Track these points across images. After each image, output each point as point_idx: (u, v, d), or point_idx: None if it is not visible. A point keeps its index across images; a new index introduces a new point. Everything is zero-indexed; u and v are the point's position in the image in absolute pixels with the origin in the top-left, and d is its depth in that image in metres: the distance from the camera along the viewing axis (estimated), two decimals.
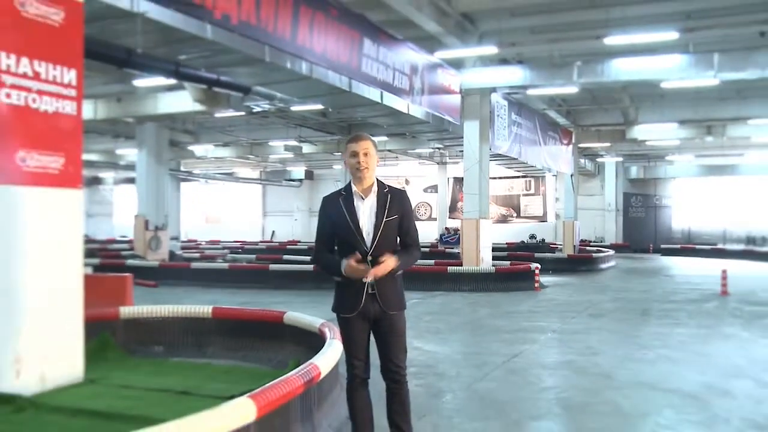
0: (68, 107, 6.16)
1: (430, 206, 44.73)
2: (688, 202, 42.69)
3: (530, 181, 43.18)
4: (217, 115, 25.04)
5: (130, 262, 20.33)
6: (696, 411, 6.37)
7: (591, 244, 35.35)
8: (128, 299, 10.33)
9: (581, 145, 31.28)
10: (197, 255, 28.20)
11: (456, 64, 18.41)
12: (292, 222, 48.14)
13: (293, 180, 46.10)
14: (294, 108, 22.46)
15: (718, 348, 9.77)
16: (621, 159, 39.41)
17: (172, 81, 16.61)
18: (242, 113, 24.14)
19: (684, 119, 26.96)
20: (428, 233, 38.49)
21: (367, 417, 4.69)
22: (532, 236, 38.69)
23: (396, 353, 4.60)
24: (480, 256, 18.91)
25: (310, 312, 8.56)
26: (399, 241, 4.65)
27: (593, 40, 16.97)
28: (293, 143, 32.71)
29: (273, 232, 48.16)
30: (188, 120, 27.31)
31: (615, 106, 26.87)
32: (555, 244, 34.31)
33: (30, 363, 5.87)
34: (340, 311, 4.63)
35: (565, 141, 28.61)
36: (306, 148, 33.94)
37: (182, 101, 19.50)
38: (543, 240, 37.35)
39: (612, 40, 15.98)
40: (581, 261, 26.43)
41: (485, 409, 6.42)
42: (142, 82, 17.95)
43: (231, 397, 4.68)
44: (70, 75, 6.17)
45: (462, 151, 20.61)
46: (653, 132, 28.53)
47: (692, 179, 42.27)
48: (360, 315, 4.52)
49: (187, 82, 16.72)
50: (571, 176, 30.65)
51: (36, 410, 5.40)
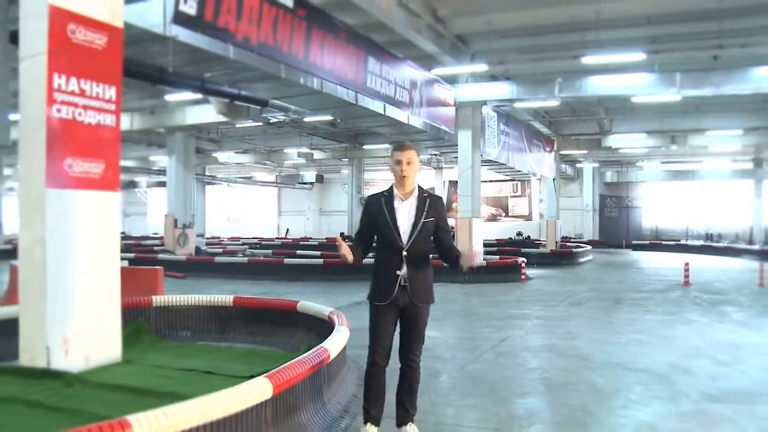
0: (108, 119, 6.19)
1: None
2: (656, 203, 42.74)
3: (517, 184, 43.12)
4: (238, 126, 25.11)
5: (161, 257, 20.33)
6: (661, 387, 6.40)
7: (571, 241, 35.26)
8: (159, 289, 10.37)
9: (562, 152, 31.27)
10: (220, 250, 28.20)
11: (451, 80, 18.41)
12: (305, 221, 48.14)
13: (305, 183, 46.06)
14: (306, 119, 22.48)
15: (681, 332, 9.79)
16: (597, 165, 39.39)
17: (199, 96, 16.67)
18: (260, 123, 24.19)
19: (651, 130, 27.07)
20: None
21: (380, 398, 4.65)
22: (519, 233, 38.65)
23: (416, 344, 4.62)
24: (473, 251, 18.87)
25: (321, 301, 8.59)
26: (438, 240, 4.64)
27: (572, 60, 16.97)
28: (305, 150, 32.76)
29: (287, 230, 48.14)
30: (212, 130, 27.37)
31: (592, 118, 26.92)
32: (539, 241, 34.23)
33: (76, 344, 5.90)
34: (373, 299, 4.56)
35: (548, 148, 28.58)
36: (317, 155, 34.01)
37: (207, 113, 19.53)
38: (528, 237, 37.29)
39: (588, 60, 16.01)
40: (562, 255, 26.36)
41: (477, 388, 6.44)
42: (173, 97, 18.03)
43: (250, 377, 4.69)
44: (111, 91, 6.20)
45: (456, 157, 20.59)
46: (625, 141, 28.65)
47: (659, 183, 42.28)
48: (391, 304, 4.47)
49: (212, 97, 16.75)
50: (554, 180, 30.63)
51: (82, 385, 5.43)
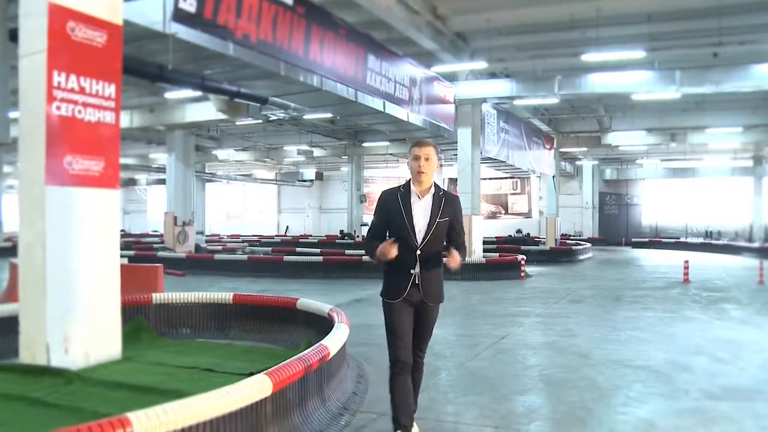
0: (108, 117, 6.19)
1: None
2: (656, 201, 42.66)
3: (517, 182, 43.11)
4: (238, 123, 25.00)
5: (161, 254, 20.36)
6: (661, 384, 6.41)
7: (570, 238, 35.26)
8: (159, 287, 10.38)
9: (562, 150, 31.26)
10: (220, 248, 28.21)
11: (450, 78, 18.41)
12: (304, 218, 48.12)
13: (305, 180, 46.03)
14: (306, 116, 22.46)
15: (681, 329, 9.79)
16: (597, 162, 39.38)
17: (198, 93, 16.66)
18: (260, 121, 24.09)
19: (651, 127, 27.03)
20: None
21: (409, 403, 4.49)
22: (519, 231, 38.63)
23: (423, 342, 4.60)
24: (472, 249, 18.89)
25: (320, 299, 8.59)
26: (448, 240, 4.58)
27: (572, 57, 16.99)
28: (305, 148, 32.74)
29: (287, 227, 48.10)
30: (212, 127, 27.30)
31: (591, 115, 26.88)
32: (539, 238, 34.25)
33: (76, 342, 5.91)
34: (386, 297, 4.49)
35: (548, 146, 28.59)
36: (316, 152, 34.01)
37: (207, 111, 19.54)
38: (528, 234, 37.27)
39: (588, 57, 16.00)
40: (562, 253, 26.39)
41: (476, 385, 6.44)
42: (172, 95, 18.00)
43: (250, 374, 4.70)
44: (110, 89, 6.20)
45: (456, 155, 20.60)
46: (625, 138, 28.60)
47: (659, 180, 42.24)
48: (405, 301, 4.42)
49: (212, 94, 16.76)
50: (553, 177, 30.65)
51: (82, 383, 5.44)
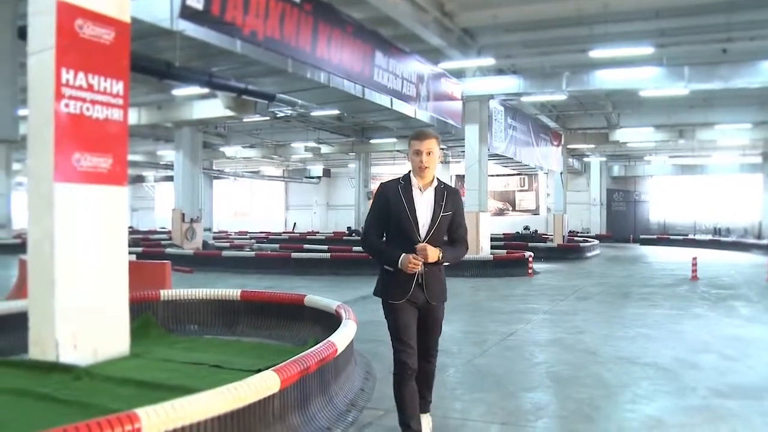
0: (116, 114, 6.20)
1: None
2: (664, 198, 42.53)
3: (524, 178, 43.04)
4: (245, 120, 25.12)
5: (169, 251, 20.38)
6: (669, 382, 6.39)
7: (578, 235, 35.24)
8: (167, 283, 10.39)
9: (569, 146, 31.21)
10: (227, 244, 28.28)
11: (458, 74, 18.40)
12: (312, 215, 48.20)
13: (312, 177, 46.11)
14: (313, 113, 22.51)
15: (689, 326, 9.76)
16: (605, 159, 39.29)
17: (206, 90, 16.69)
18: (267, 118, 24.17)
19: (659, 124, 26.98)
20: None
21: (415, 406, 4.33)
22: (526, 227, 38.61)
23: (432, 342, 4.43)
24: (479, 245, 18.90)
25: (328, 295, 8.61)
26: (448, 235, 4.39)
27: (579, 53, 16.96)
28: (312, 144, 32.80)
29: (294, 224, 48.17)
30: (220, 124, 27.39)
31: (599, 112, 26.85)
32: (546, 235, 34.18)
33: (84, 338, 5.93)
34: (389, 297, 4.28)
35: (555, 142, 28.53)
36: (324, 149, 34.04)
37: (214, 108, 19.60)
38: (536, 231, 37.24)
39: (596, 54, 15.96)
40: (570, 250, 26.35)
41: (484, 382, 6.43)
42: (180, 92, 18.05)
43: (258, 371, 4.69)
44: (118, 86, 6.21)
45: (463, 152, 20.59)
46: (633, 135, 28.58)
47: (667, 177, 42.14)
48: (409, 302, 4.23)
49: (219, 91, 16.79)
50: (561, 174, 30.60)
51: (90, 379, 5.45)
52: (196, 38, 9.79)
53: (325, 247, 23.77)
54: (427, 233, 4.22)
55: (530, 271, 17.92)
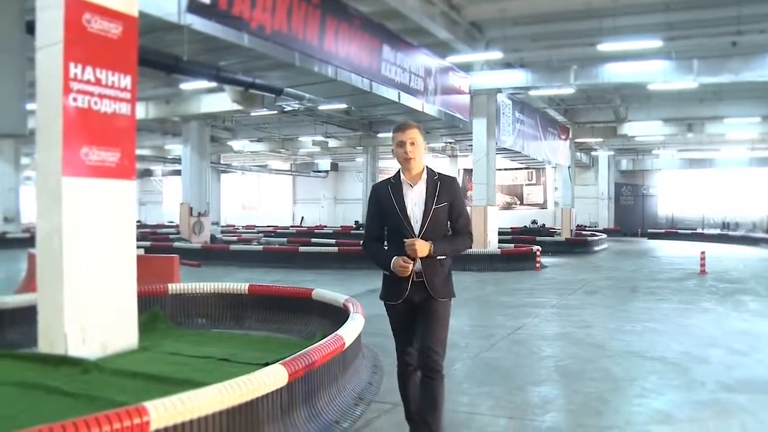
0: (124, 108, 6.22)
1: None
2: (672, 192, 42.33)
3: (532, 172, 42.91)
4: (253, 114, 25.12)
5: (177, 245, 20.45)
6: (677, 376, 6.37)
7: (586, 229, 35.12)
8: (175, 277, 10.43)
9: (577, 140, 31.13)
10: (235, 238, 28.33)
11: (465, 68, 18.36)
12: (319, 209, 48.21)
13: (320, 171, 46.10)
14: (321, 107, 22.50)
15: (697, 321, 9.72)
16: (613, 153, 39.16)
17: (214, 84, 16.69)
18: (275, 112, 24.20)
19: (668, 118, 26.86)
20: None
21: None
22: (534, 222, 38.50)
23: (434, 340, 4.00)
24: (487, 239, 18.89)
25: (336, 289, 8.61)
26: (450, 227, 4.16)
27: (588, 47, 16.88)
28: (320, 138, 32.77)
29: (302, 218, 48.21)
30: (227, 118, 27.39)
31: (607, 106, 26.75)
32: (554, 229, 34.14)
33: (93, 332, 5.95)
34: (386, 298, 4.13)
35: (563, 136, 28.46)
36: (331, 143, 34.02)
37: (222, 102, 19.57)
38: (543, 225, 37.14)
39: (604, 47, 15.90)
40: (577, 244, 26.30)
41: (491, 376, 6.43)
42: (187, 86, 18.05)
43: (265, 364, 4.71)
44: (126, 80, 6.22)
45: (471, 146, 20.56)
46: (641, 129, 28.46)
47: (675, 171, 41.91)
48: (405, 302, 4.03)
49: (227, 85, 16.78)
50: (569, 168, 30.53)
51: (99, 372, 5.48)
52: (204, 32, 9.79)
53: (333, 241, 23.78)
54: (421, 228, 4.02)
55: (538, 265, 17.90)
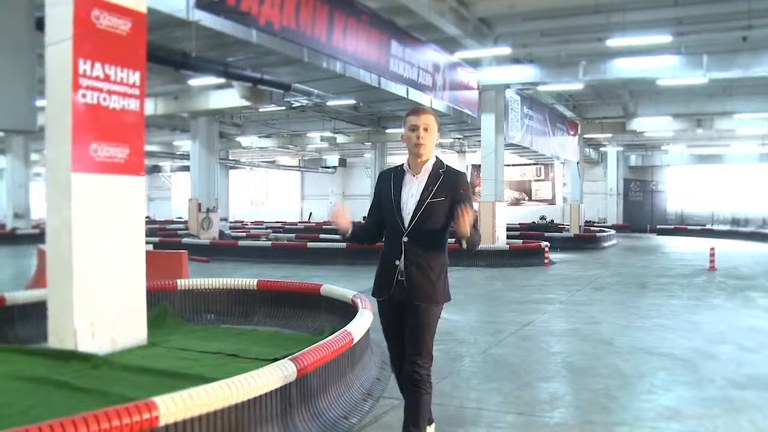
0: (132, 104, 6.23)
1: None
2: (681, 187, 42.12)
3: (541, 168, 42.83)
4: (261, 110, 25.11)
5: (185, 241, 20.50)
6: (686, 372, 6.35)
7: (595, 225, 35.07)
8: (184, 273, 10.47)
9: (586, 136, 31.01)
10: (244, 234, 28.42)
11: (474, 64, 18.32)
12: (328, 204, 48.18)
13: (328, 167, 46.12)
14: (329, 103, 22.45)
15: (706, 317, 9.70)
16: (621, 148, 39.01)
17: (222, 80, 16.68)
18: (283, 108, 24.17)
19: (677, 113, 26.71)
20: None
21: None
22: (542, 217, 38.48)
23: (414, 349, 3.77)
24: (495, 235, 18.86)
25: (344, 285, 8.62)
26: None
27: (596, 42, 16.78)
28: (328, 134, 32.78)
29: (310, 214, 48.25)
30: (236, 114, 27.42)
31: (616, 101, 26.62)
32: (563, 225, 34.09)
33: (102, 327, 5.98)
34: (374, 294, 3.98)
35: (572, 132, 28.38)
36: (340, 139, 34.03)
37: (230, 98, 19.60)
38: (552, 221, 37.13)
39: (613, 42, 15.81)
40: (586, 240, 26.26)
41: (500, 372, 6.42)
42: (196, 82, 18.06)
43: (274, 360, 4.71)
44: (135, 76, 6.23)
45: (480, 141, 20.50)
46: (650, 124, 28.30)
47: (684, 167, 41.63)
48: (391, 301, 3.85)
49: (235, 81, 16.76)
50: (577, 164, 30.45)
51: (108, 367, 5.50)
52: (212, 28, 9.82)
53: (341, 237, 23.78)
54: (411, 221, 3.80)
55: (546, 261, 17.87)
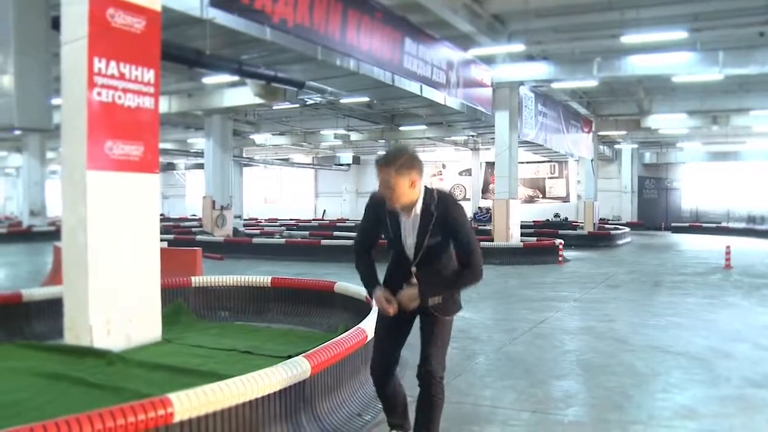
0: (147, 102, 6.26)
1: (465, 188, 44.38)
2: (696, 185, 41.79)
3: (555, 165, 42.61)
4: (275, 108, 25.13)
5: (200, 238, 20.57)
6: (701, 371, 6.31)
7: (609, 222, 34.86)
8: (198, 270, 10.53)
9: (600, 133, 30.87)
10: (258, 231, 28.48)
11: (488, 60, 18.25)
12: (341, 202, 48.26)
13: (342, 165, 46.14)
14: (343, 100, 22.46)
15: (722, 315, 9.64)
16: (636, 146, 38.73)
17: (236, 78, 16.73)
18: (297, 105, 24.21)
19: (692, 110, 26.46)
20: None
21: (393, 404, 4.19)
22: (557, 215, 38.32)
23: (427, 355, 3.83)
24: (509, 233, 18.81)
25: (357, 282, 8.57)
26: (456, 255, 3.82)
27: (610, 39, 16.69)
28: (342, 132, 32.76)
29: (324, 211, 48.30)
30: (249, 112, 27.46)
31: (631, 98, 26.45)
32: (577, 222, 33.96)
33: (118, 324, 6.02)
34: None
35: (586, 129, 28.24)
36: (353, 136, 33.98)
37: (244, 95, 19.62)
38: (566, 218, 36.96)
39: (627, 39, 15.72)
40: (600, 237, 26.11)
41: (514, 370, 6.42)
42: (210, 80, 18.14)
43: (288, 357, 4.73)
44: (149, 74, 6.26)
45: (493, 139, 20.43)
46: (665, 121, 28.13)
47: (700, 164, 41.30)
48: (400, 312, 3.83)
49: (249, 79, 16.80)
50: (592, 161, 30.30)
51: (124, 364, 5.54)
52: (226, 26, 9.82)
53: (355, 235, 23.81)
54: (415, 257, 3.86)
55: (560, 259, 17.82)
